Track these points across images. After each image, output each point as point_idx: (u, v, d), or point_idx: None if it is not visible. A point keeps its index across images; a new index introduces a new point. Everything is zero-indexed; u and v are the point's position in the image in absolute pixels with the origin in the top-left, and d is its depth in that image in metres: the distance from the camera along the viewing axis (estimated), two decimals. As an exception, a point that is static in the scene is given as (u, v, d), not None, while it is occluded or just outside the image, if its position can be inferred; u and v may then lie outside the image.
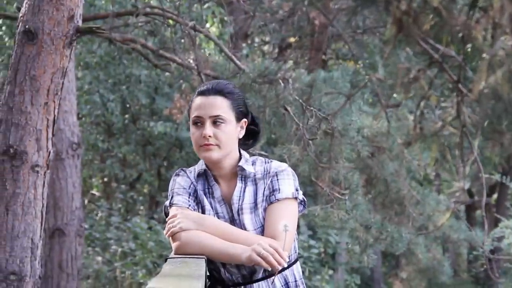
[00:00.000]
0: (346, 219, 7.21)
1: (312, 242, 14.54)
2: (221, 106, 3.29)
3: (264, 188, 3.30)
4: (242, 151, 3.39)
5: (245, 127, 3.37)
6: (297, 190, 3.31)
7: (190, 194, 3.32)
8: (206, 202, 3.31)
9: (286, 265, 3.17)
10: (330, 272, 15.02)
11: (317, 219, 7.29)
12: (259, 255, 3.03)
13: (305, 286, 3.43)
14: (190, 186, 3.34)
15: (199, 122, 3.29)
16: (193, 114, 3.31)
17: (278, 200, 3.26)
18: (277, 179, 3.30)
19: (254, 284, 3.30)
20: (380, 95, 7.41)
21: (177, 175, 3.39)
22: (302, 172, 7.03)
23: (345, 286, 17.28)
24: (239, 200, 3.30)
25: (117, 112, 14.15)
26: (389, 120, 8.07)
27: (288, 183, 3.30)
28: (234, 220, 3.29)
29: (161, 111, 14.23)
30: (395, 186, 8.39)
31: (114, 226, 12.90)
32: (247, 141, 3.45)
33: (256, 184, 3.32)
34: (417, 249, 8.73)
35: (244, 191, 3.31)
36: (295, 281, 3.36)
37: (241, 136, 3.36)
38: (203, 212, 3.30)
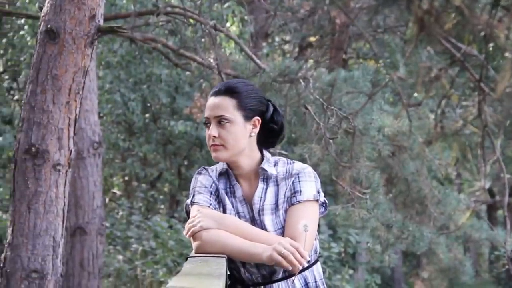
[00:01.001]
0: (367, 218, 7.19)
1: (332, 241, 14.51)
2: (225, 106, 3.28)
3: (286, 190, 3.28)
4: (264, 151, 3.36)
5: (258, 125, 3.33)
6: (318, 192, 3.29)
7: (211, 193, 3.31)
8: (227, 201, 3.31)
9: (306, 265, 3.17)
10: (351, 271, 15.00)
11: (338, 219, 7.27)
12: (280, 254, 3.02)
13: (325, 286, 3.41)
14: (211, 185, 3.33)
15: (208, 123, 3.30)
16: (203, 116, 3.35)
17: (299, 202, 3.25)
18: (299, 181, 3.28)
19: (274, 284, 3.28)
20: (401, 94, 7.39)
21: (199, 173, 3.38)
22: (323, 172, 7.02)
23: (365, 286, 17.24)
24: (260, 200, 3.29)
25: (138, 111, 14.18)
26: (410, 119, 8.03)
27: (310, 185, 3.28)
28: (255, 220, 3.28)
29: (182, 110, 14.25)
30: (416, 185, 8.36)
31: (135, 225, 12.94)
32: (268, 139, 3.41)
33: (277, 185, 3.30)
34: (438, 248, 8.69)
35: (265, 192, 3.30)
36: (315, 281, 3.34)
37: (253, 135, 3.31)
38: (224, 211, 3.30)
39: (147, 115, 15.29)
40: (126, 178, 17.26)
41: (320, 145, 6.87)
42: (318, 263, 3.41)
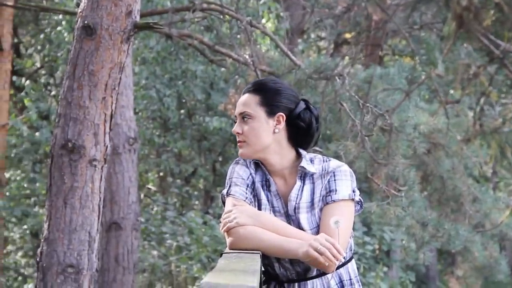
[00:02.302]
0: (403, 216, 7.15)
1: (366, 238, 14.45)
2: (249, 102, 3.31)
3: (321, 188, 3.27)
4: (301, 150, 3.34)
5: (283, 121, 3.30)
6: (353, 191, 3.28)
7: (248, 186, 3.31)
8: (262, 195, 3.31)
9: (343, 261, 3.16)
10: (385, 269, 14.91)
11: (373, 216, 7.25)
12: (316, 250, 3.01)
13: (360, 284, 3.39)
14: (248, 177, 3.33)
15: (236, 120, 3.35)
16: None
17: (334, 201, 3.23)
18: (334, 179, 3.27)
19: (309, 282, 3.28)
20: (439, 91, 7.34)
21: (237, 163, 3.38)
22: (358, 169, 6.99)
23: (400, 283, 17.15)
24: (296, 198, 3.27)
25: (173, 107, 14.22)
26: (448, 117, 7.98)
27: (345, 184, 3.26)
28: (289, 216, 3.28)
29: (217, 107, 14.27)
30: (451, 183, 8.31)
31: (169, 221, 12.97)
32: (297, 137, 3.35)
33: (313, 183, 3.29)
34: (473, 246, 8.63)
35: (302, 190, 3.28)
36: (350, 279, 3.33)
37: (277, 131, 3.28)
38: (259, 204, 3.30)
39: (182, 111, 15.33)
40: (161, 174, 17.31)
41: (355, 143, 6.84)
42: (353, 261, 3.40)
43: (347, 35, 16.60)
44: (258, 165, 3.36)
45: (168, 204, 14.39)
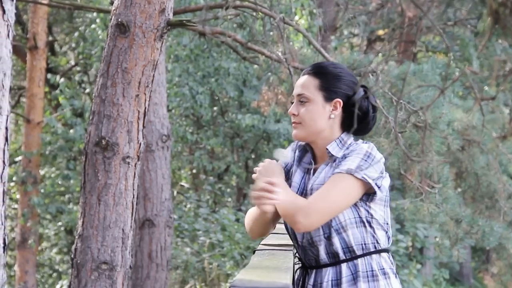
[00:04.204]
0: (436, 213, 7.11)
1: (400, 236, 14.38)
2: (307, 85, 3.32)
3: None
4: (344, 134, 3.34)
5: (339, 107, 3.31)
6: (360, 169, 3.19)
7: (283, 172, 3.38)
8: (296, 177, 3.39)
9: (273, 206, 3.17)
10: (418, 266, 14.83)
11: (406, 213, 7.21)
12: (255, 197, 3.14)
13: (394, 279, 3.34)
14: (286, 166, 3.43)
15: (293, 101, 3.37)
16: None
17: (333, 173, 3.22)
18: (347, 156, 3.25)
19: (323, 269, 3.27)
20: (474, 88, 7.27)
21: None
22: (391, 165, 6.96)
23: (433, 281, 17.07)
24: (315, 180, 3.30)
25: (205, 104, 14.25)
26: (483, 113, 7.92)
27: (352, 160, 3.21)
28: (306, 193, 3.31)
29: (249, 104, 14.28)
30: (486, 180, 8.25)
31: (202, 218, 13.01)
32: (351, 124, 3.33)
33: (335, 167, 3.29)
34: (508, 243, 8.54)
35: (321, 172, 3.30)
36: (372, 270, 3.27)
37: (333, 117, 3.30)
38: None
39: (215, 109, 15.36)
40: (194, 171, 17.37)
41: (389, 139, 6.81)
42: (383, 254, 3.32)
43: (380, 32, 16.54)
44: (305, 149, 3.41)
45: (201, 201, 14.42)
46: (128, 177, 4.41)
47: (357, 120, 3.31)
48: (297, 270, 3.41)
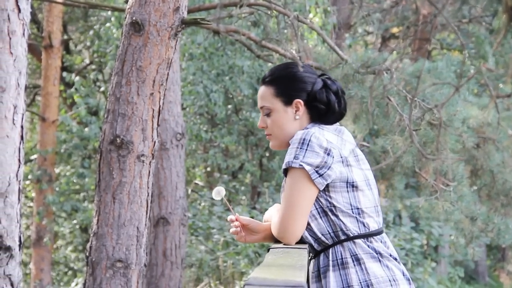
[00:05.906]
0: (451, 211, 7.10)
1: (415, 234, 14.36)
2: (265, 96, 3.33)
3: None
4: (309, 125, 3.28)
5: (302, 107, 3.28)
6: (296, 157, 3.13)
7: None
8: None
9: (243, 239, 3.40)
10: (433, 264, 14.81)
11: (421, 211, 7.20)
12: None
13: (373, 263, 3.17)
14: None
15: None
16: None
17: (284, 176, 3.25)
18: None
19: (311, 261, 3.32)
20: (489, 85, 7.26)
21: None
22: (406, 163, 6.95)
23: (448, 279, 17.03)
24: None
25: (220, 102, 14.26)
26: (499, 111, 7.89)
27: (289, 152, 3.17)
28: None
29: (264, 102, 14.27)
30: (501, 177, 8.22)
31: (216, 216, 13.03)
32: (320, 118, 3.30)
33: None
34: (524, 241, 8.52)
35: None
36: (341, 258, 3.19)
37: (298, 117, 3.27)
38: None
39: (229, 107, 15.37)
40: (208, 169, 17.39)
41: (403, 137, 6.80)
42: (351, 241, 3.19)
43: (395, 30, 16.51)
44: None
45: (215, 199, 14.43)
46: (142, 175, 4.41)
47: (324, 112, 3.29)
48: None
